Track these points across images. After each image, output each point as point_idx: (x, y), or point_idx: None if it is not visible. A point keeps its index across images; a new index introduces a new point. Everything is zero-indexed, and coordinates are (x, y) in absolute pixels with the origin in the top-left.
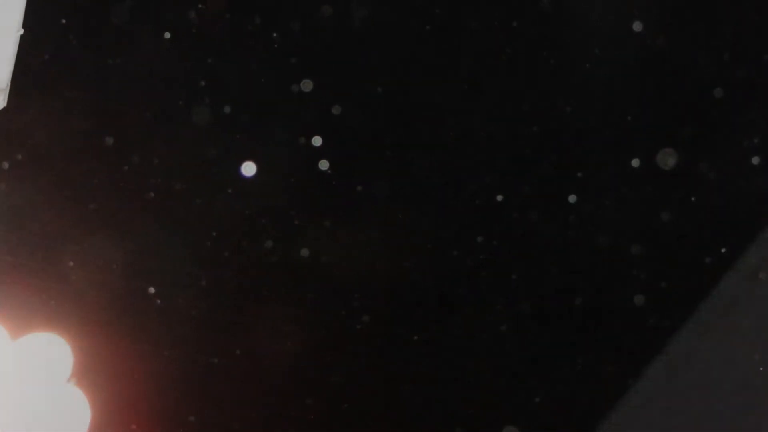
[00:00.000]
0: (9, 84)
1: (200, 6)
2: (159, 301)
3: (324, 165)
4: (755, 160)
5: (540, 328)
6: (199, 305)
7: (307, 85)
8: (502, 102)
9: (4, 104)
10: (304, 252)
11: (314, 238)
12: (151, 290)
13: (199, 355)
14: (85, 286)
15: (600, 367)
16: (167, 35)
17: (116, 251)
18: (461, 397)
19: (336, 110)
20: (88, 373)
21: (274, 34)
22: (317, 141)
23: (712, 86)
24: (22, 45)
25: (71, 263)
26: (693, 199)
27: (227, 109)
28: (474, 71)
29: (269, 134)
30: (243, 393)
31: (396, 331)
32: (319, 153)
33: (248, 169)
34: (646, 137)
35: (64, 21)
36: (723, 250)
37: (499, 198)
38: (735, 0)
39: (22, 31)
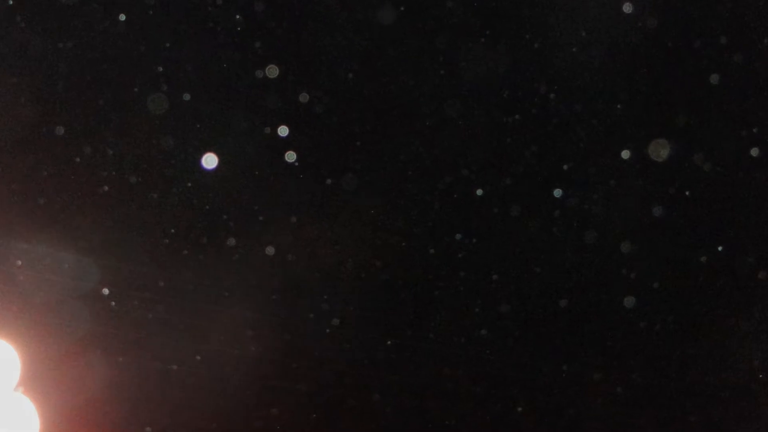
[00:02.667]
0: None
1: None
2: (113, 304)
3: (291, 157)
4: (754, 152)
5: (523, 333)
6: (155, 308)
7: (272, 71)
8: (481, 88)
9: None
10: (269, 250)
11: (280, 235)
12: (105, 291)
13: (156, 361)
14: (33, 287)
15: (587, 374)
16: (122, 17)
17: (67, 249)
18: (438, 407)
19: (303, 98)
20: (36, 381)
21: (237, 16)
22: (283, 131)
23: (709, 72)
24: None
25: (18, 262)
26: (687, 193)
27: (186, 97)
28: (451, 55)
29: (231, 124)
30: (203, 402)
31: (368, 335)
32: (286, 144)
33: (209, 161)
34: (636, 127)
35: (10, 1)
36: (720, 249)
37: (479, 192)
38: None
39: None
